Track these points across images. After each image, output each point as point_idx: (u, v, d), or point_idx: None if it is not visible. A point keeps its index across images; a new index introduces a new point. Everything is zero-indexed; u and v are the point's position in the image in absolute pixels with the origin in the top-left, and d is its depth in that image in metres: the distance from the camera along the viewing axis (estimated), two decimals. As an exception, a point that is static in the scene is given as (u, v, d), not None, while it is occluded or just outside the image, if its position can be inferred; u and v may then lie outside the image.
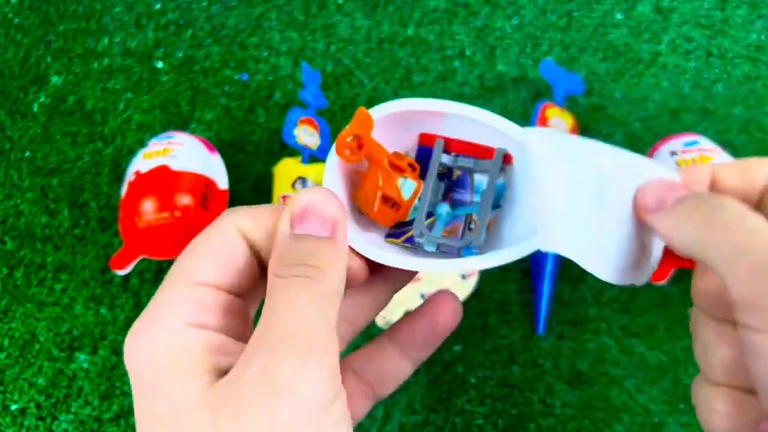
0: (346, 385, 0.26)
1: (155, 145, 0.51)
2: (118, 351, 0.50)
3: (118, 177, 0.56)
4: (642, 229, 0.26)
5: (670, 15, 0.61)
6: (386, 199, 0.28)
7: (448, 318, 0.27)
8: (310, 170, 0.51)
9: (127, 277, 0.52)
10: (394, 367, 0.27)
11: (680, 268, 0.49)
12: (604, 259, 0.26)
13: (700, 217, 0.22)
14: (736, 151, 0.53)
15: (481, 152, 0.29)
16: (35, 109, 0.61)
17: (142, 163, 0.50)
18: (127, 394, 0.48)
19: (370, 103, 0.58)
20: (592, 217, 0.26)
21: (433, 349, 0.28)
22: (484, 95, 0.58)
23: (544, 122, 0.51)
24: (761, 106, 0.56)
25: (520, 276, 0.50)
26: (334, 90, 0.59)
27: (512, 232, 0.28)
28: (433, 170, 0.29)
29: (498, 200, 0.28)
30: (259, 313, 0.22)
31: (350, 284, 0.25)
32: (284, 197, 0.51)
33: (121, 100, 0.60)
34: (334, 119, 0.58)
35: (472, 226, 0.28)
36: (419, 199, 0.29)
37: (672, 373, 0.46)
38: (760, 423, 0.21)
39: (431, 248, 0.28)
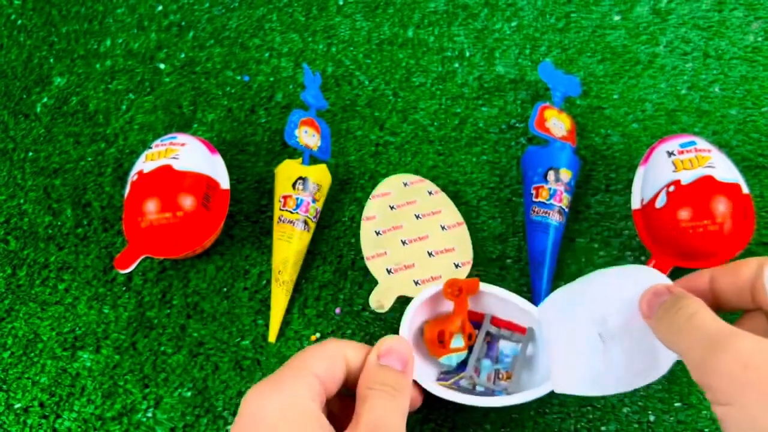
0: None
1: (158, 146, 0.52)
2: (120, 350, 0.50)
3: (121, 177, 0.57)
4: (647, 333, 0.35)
5: (667, 17, 0.61)
6: (440, 335, 0.43)
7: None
8: (310, 171, 0.52)
9: (129, 277, 0.53)
10: None
11: (676, 267, 0.49)
12: (613, 380, 0.37)
13: (666, 322, 0.31)
14: (733, 151, 0.54)
15: (511, 327, 0.45)
16: (38, 109, 0.61)
17: (144, 163, 0.51)
18: (129, 392, 0.49)
19: (370, 104, 0.59)
20: (594, 356, 0.38)
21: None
22: (482, 96, 0.59)
23: (542, 123, 0.52)
24: (758, 107, 0.56)
25: (518, 275, 0.51)
26: (334, 91, 0.60)
27: (530, 378, 0.44)
28: (482, 336, 0.45)
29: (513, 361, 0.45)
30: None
31: (410, 408, 0.34)
32: (285, 197, 0.51)
33: (123, 101, 0.61)
34: (334, 120, 0.58)
35: (501, 376, 0.44)
36: (470, 353, 0.44)
37: (668, 372, 0.47)
38: None
39: (481, 389, 0.43)
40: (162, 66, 0.62)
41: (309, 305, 0.51)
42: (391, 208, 0.51)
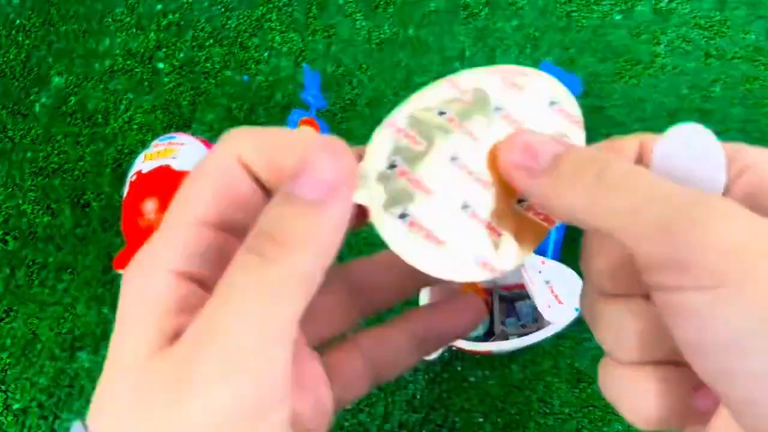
0: (352, 362, 0.25)
1: (157, 146, 0.52)
2: (119, 350, 0.50)
3: (120, 177, 0.57)
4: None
5: (669, 16, 0.61)
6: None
7: (471, 320, 0.27)
8: (310, 170, 0.52)
9: (128, 277, 0.53)
10: (404, 356, 0.27)
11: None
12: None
13: (588, 177, 0.19)
14: (735, 151, 0.54)
15: (519, 286, 0.49)
16: (37, 109, 0.61)
17: (143, 163, 0.51)
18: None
19: (371, 104, 0.59)
20: None
21: (445, 345, 0.29)
22: (483, 96, 0.58)
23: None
24: (759, 106, 0.56)
25: (519, 276, 0.51)
26: (334, 91, 0.60)
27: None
28: (497, 302, 0.48)
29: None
30: None
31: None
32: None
33: (122, 100, 0.61)
34: (334, 120, 0.58)
35: (527, 326, 0.48)
36: (491, 317, 0.49)
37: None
38: (694, 396, 0.20)
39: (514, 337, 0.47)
40: (161, 65, 0.62)
41: (309, 306, 0.51)
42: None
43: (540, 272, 0.46)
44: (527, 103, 0.21)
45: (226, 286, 0.17)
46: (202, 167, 0.20)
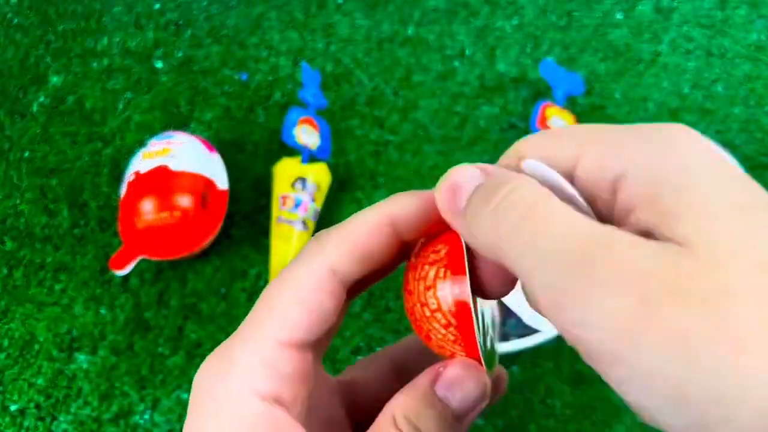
0: None
1: (154, 145, 0.51)
2: (117, 351, 0.50)
3: (118, 177, 0.56)
4: None
5: (670, 15, 0.61)
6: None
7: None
8: (309, 170, 0.51)
9: (126, 278, 0.52)
10: None
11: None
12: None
13: (486, 221, 0.17)
14: (737, 150, 0.53)
15: None
16: (34, 109, 0.61)
17: (141, 163, 0.50)
18: (126, 394, 0.48)
19: (370, 103, 0.58)
20: None
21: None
22: (484, 95, 0.58)
23: (543, 122, 0.51)
24: (761, 105, 0.56)
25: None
26: (333, 90, 0.59)
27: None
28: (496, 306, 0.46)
29: None
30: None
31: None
32: (284, 197, 0.51)
33: (120, 100, 0.60)
34: (333, 119, 0.58)
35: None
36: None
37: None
38: None
39: (515, 338, 0.46)
40: (159, 64, 0.62)
41: (308, 306, 0.50)
42: None
43: None
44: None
45: None
46: (289, 280, 0.19)
